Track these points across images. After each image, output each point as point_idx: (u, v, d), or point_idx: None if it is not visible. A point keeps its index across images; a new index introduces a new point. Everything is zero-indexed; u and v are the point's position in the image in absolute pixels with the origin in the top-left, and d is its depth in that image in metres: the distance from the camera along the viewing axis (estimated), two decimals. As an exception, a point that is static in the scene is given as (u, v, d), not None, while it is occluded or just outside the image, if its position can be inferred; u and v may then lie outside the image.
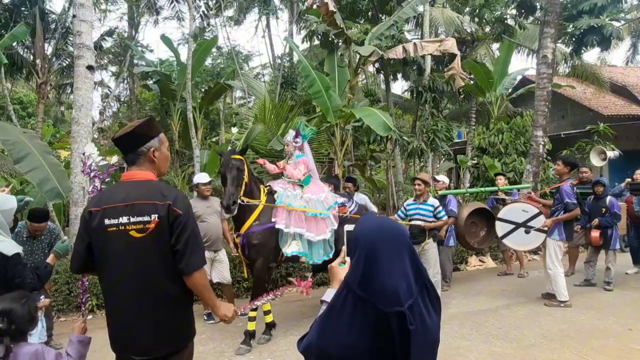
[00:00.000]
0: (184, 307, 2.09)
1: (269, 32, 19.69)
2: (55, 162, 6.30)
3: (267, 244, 4.48)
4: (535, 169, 8.84)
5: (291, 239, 4.54)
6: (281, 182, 4.82)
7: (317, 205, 4.70)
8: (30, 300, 2.04)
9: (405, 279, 1.24)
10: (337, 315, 1.25)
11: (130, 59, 15.09)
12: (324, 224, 4.72)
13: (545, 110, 8.96)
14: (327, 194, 4.93)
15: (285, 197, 4.59)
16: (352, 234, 1.37)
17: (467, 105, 14.39)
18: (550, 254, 5.56)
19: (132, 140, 2.04)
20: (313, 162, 5.16)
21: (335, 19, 8.52)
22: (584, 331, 4.65)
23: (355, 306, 1.23)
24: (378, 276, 1.23)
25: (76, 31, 6.53)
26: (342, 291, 1.27)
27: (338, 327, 1.24)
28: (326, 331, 1.27)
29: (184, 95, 10.96)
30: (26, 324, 1.98)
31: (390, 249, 1.26)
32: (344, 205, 5.03)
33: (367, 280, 1.23)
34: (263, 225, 4.44)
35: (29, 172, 5.96)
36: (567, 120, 16.03)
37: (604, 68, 16.32)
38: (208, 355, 4.30)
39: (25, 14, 13.54)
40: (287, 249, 4.50)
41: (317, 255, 4.68)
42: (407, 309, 1.20)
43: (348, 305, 1.24)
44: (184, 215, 1.96)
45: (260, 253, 4.44)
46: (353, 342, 1.22)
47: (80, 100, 6.42)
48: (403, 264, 1.25)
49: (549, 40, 8.88)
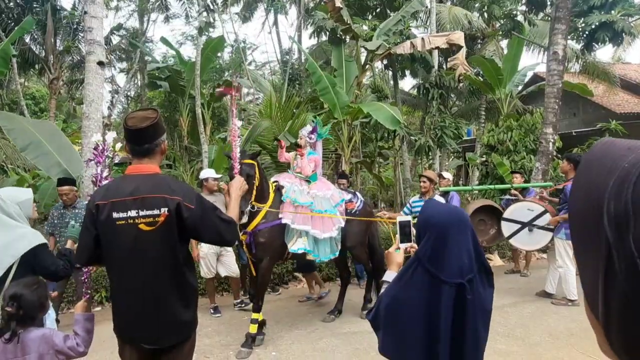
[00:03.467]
0: (191, 299, 2.12)
1: (276, 28, 19.72)
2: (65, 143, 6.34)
3: (274, 242, 4.43)
4: (544, 166, 8.75)
5: (297, 236, 4.50)
6: (288, 177, 4.77)
7: (323, 202, 4.67)
8: (41, 287, 2.08)
9: (468, 257, 1.49)
10: (407, 281, 1.52)
11: (140, 55, 15.22)
12: (331, 222, 4.67)
13: (556, 108, 8.86)
14: (334, 191, 4.90)
15: (292, 192, 4.52)
16: (422, 217, 1.60)
17: (476, 103, 14.30)
18: (560, 252, 5.51)
19: (154, 131, 2.03)
20: (321, 160, 5.12)
21: (343, 14, 8.52)
22: (591, 330, 4.55)
23: (423, 276, 1.48)
24: (445, 253, 1.47)
25: (87, 27, 6.59)
26: (413, 263, 1.52)
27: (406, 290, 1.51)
28: (395, 292, 1.55)
29: (192, 92, 11.05)
30: (36, 310, 2.02)
31: (457, 231, 1.50)
32: (351, 202, 5.02)
33: (436, 256, 1.47)
34: (270, 222, 4.38)
35: (35, 158, 6.05)
36: (579, 118, 15.83)
37: (617, 65, 16.08)
38: (214, 348, 4.35)
39: (37, 11, 13.71)
40: (292, 246, 4.46)
41: (323, 253, 4.63)
42: (466, 281, 1.45)
43: (416, 275, 1.50)
44: (197, 207, 1.99)
45: (267, 251, 4.38)
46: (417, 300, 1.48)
47: (90, 96, 6.49)
48: (467, 244, 1.50)
49: (559, 37, 8.77)
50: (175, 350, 2.05)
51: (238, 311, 5.51)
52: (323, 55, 14.01)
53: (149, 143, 2.03)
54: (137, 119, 2.02)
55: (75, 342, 2.05)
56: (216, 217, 2.05)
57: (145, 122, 1.99)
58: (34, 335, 1.98)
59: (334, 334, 4.61)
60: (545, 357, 3.97)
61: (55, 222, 4.86)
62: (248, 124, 10.44)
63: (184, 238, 2.04)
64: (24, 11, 13.36)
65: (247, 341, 4.23)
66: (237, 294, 5.70)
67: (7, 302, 1.95)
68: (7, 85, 16.28)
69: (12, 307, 1.94)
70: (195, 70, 9.96)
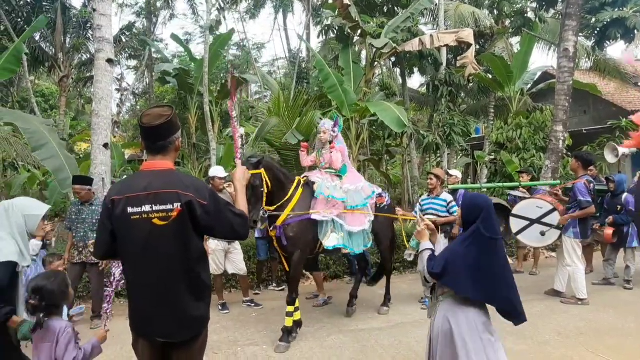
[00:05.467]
0: (204, 294, 2.14)
1: (284, 26, 19.73)
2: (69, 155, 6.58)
3: (304, 236, 4.39)
4: (554, 164, 8.67)
5: (330, 231, 4.47)
6: (318, 173, 4.73)
7: (355, 197, 4.65)
8: (59, 277, 2.25)
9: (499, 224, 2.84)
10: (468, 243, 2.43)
11: (149, 53, 15.30)
12: (363, 215, 4.70)
13: (566, 105, 8.76)
14: (365, 183, 4.91)
15: (326, 188, 4.48)
16: (471, 203, 2.55)
17: (485, 100, 14.19)
18: (569, 250, 5.47)
19: (169, 128, 2.05)
20: (347, 150, 5.08)
21: (350, 12, 8.49)
22: (601, 329, 4.57)
23: (480, 238, 2.41)
24: (490, 222, 2.43)
25: (96, 25, 6.63)
26: (474, 235, 2.42)
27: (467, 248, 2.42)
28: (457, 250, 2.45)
29: (200, 89, 11.08)
30: (58, 298, 2.18)
31: (493, 209, 2.50)
32: (381, 196, 5.04)
33: (487, 224, 2.42)
34: (299, 217, 4.35)
35: (45, 159, 6.20)
36: (589, 115, 15.64)
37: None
38: (222, 344, 4.37)
39: (47, 9, 13.83)
40: (327, 242, 4.43)
41: (357, 246, 4.66)
42: (500, 238, 2.48)
43: (475, 237, 2.42)
44: (210, 203, 2.01)
45: (297, 245, 4.34)
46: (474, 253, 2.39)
47: (100, 93, 6.53)
48: (497, 216, 2.62)
49: (570, 33, 8.67)
50: (187, 346, 2.06)
51: (246, 308, 5.54)
52: (332, 52, 13.99)
53: (163, 140, 2.05)
54: (152, 116, 2.04)
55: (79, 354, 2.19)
56: (229, 211, 2.08)
57: (160, 120, 2.01)
58: (57, 325, 2.16)
59: (341, 331, 4.61)
60: (554, 356, 3.94)
61: (73, 217, 5.09)
62: (256, 121, 10.46)
63: (198, 233, 2.06)
64: (33, 10, 13.49)
65: (284, 335, 4.24)
66: (246, 292, 5.72)
67: (30, 295, 2.10)
68: (18, 83, 16.47)
69: (35, 300, 2.09)
70: (203, 68, 9.99)
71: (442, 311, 2.48)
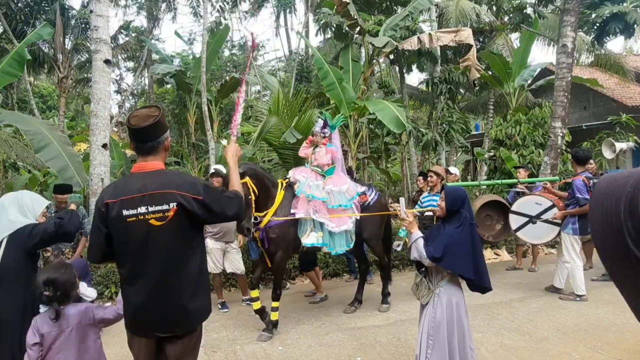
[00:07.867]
0: (204, 289, 2.17)
1: (285, 24, 19.71)
2: (74, 153, 6.52)
3: (286, 237, 4.48)
4: (553, 161, 8.66)
5: (310, 230, 4.54)
6: (304, 171, 4.79)
7: (338, 197, 4.70)
8: (68, 268, 2.35)
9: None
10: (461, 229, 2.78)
11: (148, 53, 15.29)
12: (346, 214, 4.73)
13: (565, 101, 8.74)
14: (350, 185, 4.93)
15: (307, 186, 4.56)
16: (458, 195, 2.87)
17: (485, 97, 14.16)
18: (567, 247, 5.47)
19: (157, 129, 2.07)
20: (341, 152, 5.14)
21: (349, 9, 8.48)
22: (600, 325, 4.57)
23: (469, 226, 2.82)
24: (470, 209, 2.91)
25: (93, 26, 6.64)
26: (464, 221, 2.80)
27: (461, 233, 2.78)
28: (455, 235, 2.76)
29: (199, 88, 11.08)
30: (69, 288, 2.29)
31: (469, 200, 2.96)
32: (365, 194, 5.05)
33: (470, 212, 2.89)
34: (281, 218, 4.45)
35: (49, 160, 6.22)
36: (589, 111, 15.60)
37: (629, 57, 15.79)
38: (221, 342, 4.39)
39: (45, 10, 13.82)
40: (306, 240, 4.52)
41: (339, 246, 4.70)
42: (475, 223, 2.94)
43: (465, 227, 2.79)
44: (205, 196, 2.04)
45: (279, 246, 4.46)
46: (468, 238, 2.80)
47: (98, 94, 6.55)
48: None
49: (569, 29, 8.64)
50: (182, 342, 2.08)
51: (245, 307, 5.55)
52: (333, 50, 13.97)
53: (152, 141, 2.07)
54: (140, 117, 2.05)
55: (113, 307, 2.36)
56: (224, 197, 2.13)
57: (148, 121, 2.03)
58: (75, 311, 2.29)
59: (340, 329, 4.63)
60: (553, 352, 3.95)
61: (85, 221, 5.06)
62: (256, 120, 10.46)
63: (196, 227, 2.10)
64: (32, 11, 13.48)
65: (268, 327, 4.47)
66: (245, 291, 5.73)
67: (43, 287, 2.19)
68: (17, 85, 16.47)
69: (49, 291, 2.20)
70: (200, 67, 9.99)
71: (444, 294, 2.86)
